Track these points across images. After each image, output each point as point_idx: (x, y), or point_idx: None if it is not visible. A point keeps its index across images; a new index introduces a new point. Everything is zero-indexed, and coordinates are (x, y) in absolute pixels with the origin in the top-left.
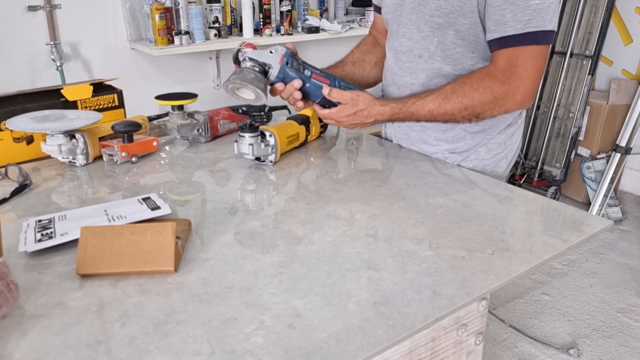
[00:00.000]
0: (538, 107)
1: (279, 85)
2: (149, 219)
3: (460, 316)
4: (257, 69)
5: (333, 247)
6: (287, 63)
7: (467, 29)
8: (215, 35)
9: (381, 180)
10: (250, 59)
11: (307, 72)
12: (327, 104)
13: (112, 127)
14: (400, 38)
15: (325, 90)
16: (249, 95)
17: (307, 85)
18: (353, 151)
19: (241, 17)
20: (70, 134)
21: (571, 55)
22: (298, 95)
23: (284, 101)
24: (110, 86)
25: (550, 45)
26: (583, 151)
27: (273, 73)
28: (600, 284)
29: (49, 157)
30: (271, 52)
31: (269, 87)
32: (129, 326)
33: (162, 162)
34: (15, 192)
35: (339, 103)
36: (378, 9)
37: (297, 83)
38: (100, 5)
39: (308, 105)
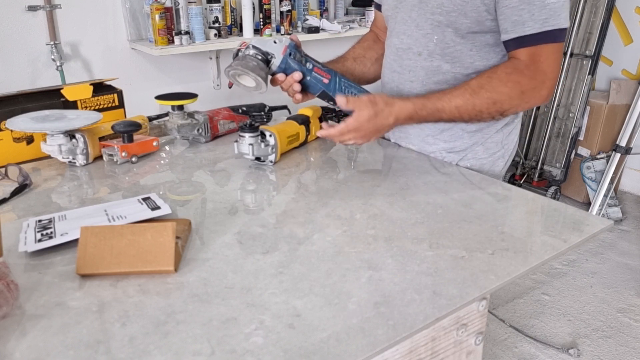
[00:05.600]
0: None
1: (280, 76)
2: (149, 219)
3: (460, 316)
4: (259, 57)
5: (333, 247)
6: (290, 54)
7: (467, 28)
8: (215, 35)
9: (381, 180)
10: (254, 47)
11: (309, 65)
12: (325, 98)
13: (112, 127)
14: (401, 35)
15: (342, 101)
16: (249, 83)
17: (308, 78)
18: (353, 151)
19: (241, 17)
20: (70, 134)
21: (571, 55)
22: (297, 87)
23: (283, 101)
24: (110, 86)
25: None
26: (583, 151)
27: (275, 63)
28: (600, 284)
29: (49, 157)
30: (275, 42)
31: (269, 77)
32: (129, 326)
33: (162, 162)
34: (15, 192)
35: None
36: (378, 7)
37: (298, 75)
38: (100, 5)
39: (307, 99)
